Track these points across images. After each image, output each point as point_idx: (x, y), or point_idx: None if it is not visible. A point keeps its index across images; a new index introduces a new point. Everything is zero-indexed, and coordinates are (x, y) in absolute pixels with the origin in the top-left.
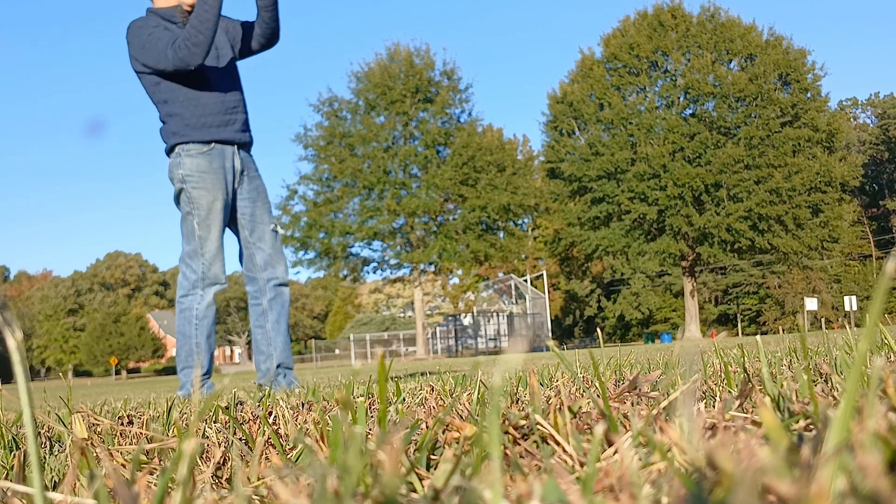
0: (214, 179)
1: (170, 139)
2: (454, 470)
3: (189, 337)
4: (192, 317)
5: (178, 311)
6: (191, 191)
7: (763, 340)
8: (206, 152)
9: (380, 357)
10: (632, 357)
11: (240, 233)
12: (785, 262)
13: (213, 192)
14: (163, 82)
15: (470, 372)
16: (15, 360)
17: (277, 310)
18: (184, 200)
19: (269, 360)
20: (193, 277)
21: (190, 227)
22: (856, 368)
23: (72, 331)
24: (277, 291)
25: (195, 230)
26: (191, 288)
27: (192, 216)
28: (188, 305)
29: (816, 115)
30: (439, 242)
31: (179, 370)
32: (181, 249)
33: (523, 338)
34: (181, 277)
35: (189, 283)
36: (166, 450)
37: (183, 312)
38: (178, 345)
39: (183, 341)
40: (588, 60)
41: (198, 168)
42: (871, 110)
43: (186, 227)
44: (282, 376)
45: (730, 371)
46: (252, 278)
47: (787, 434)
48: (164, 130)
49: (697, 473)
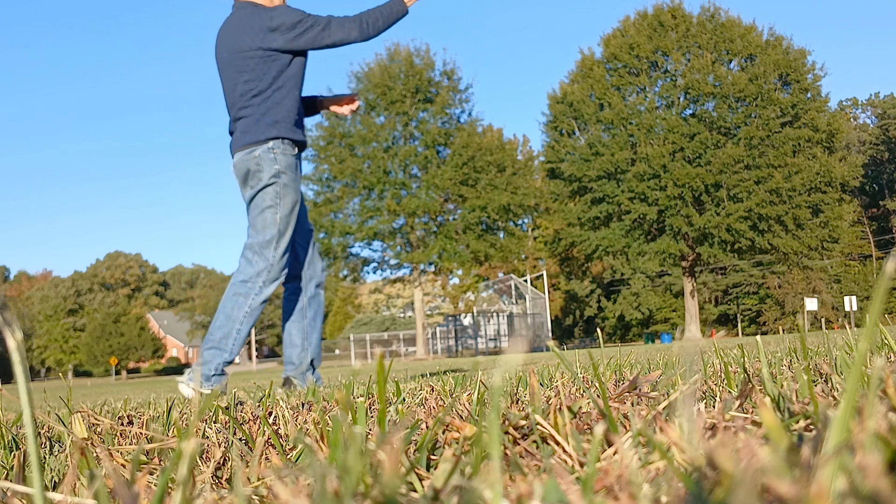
0: (298, 179)
1: (266, 131)
2: (454, 470)
3: (234, 321)
4: (245, 304)
5: (231, 293)
6: (282, 187)
7: (763, 340)
8: (295, 154)
9: (379, 357)
10: (632, 357)
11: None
12: (785, 263)
13: (297, 192)
14: (281, 71)
15: (470, 372)
16: (15, 361)
17: (315, 308)
18: (270, 194)
19: (305, 354)
20: (259, 268)
21: (269, 219)
22: (856, 369)
23: (72, 331)
24: (316, 292)
25: (274, 223)
26: (254, 276)
27: (275, 211)
28: (245, 292)
29: (816, 115)
30: (439, 242)
31: (207, 348)
32: (249, 237)
33: (523, 338)
34: (245, 263)
35: (253, 271)
36: (166, 450)
37: (237, 297)
38: (217, 324)
39: (224, 322)
40: (588, 60)
41: (289, 166)
42: (871, 110)
43: (264, 218)
44: (310, 372)
45: (730, 371)
46: (294, 275)
47: (787, 434)
48: (258, 120)
49: (697, 473)
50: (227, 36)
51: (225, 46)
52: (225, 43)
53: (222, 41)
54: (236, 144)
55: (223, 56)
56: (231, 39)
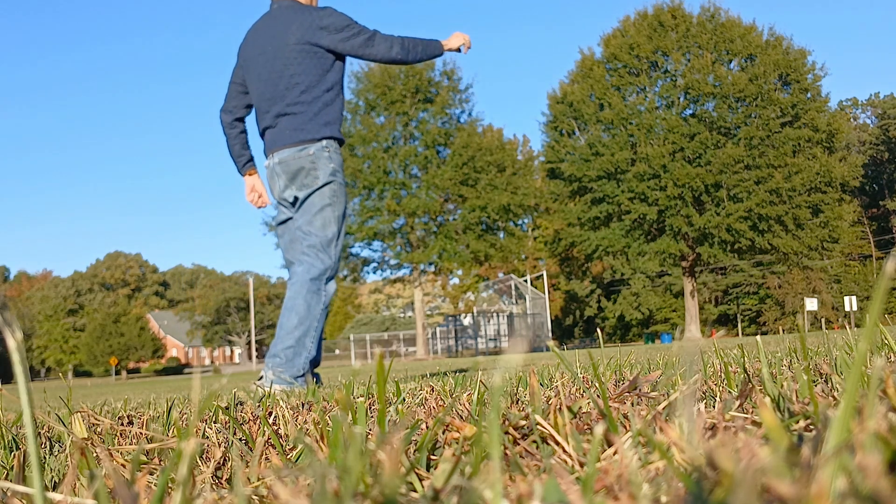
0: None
1: (321, 130)
2: (454, 470)
3: (312, 319)
4: (320, 302)
5: (304, 292)
6: (338, 186)
7: (763, 341)
8: (340, 153)
9: (379, 357)
10: (632, 357)
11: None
12: (785, 263)
13: (346, 192)
14: (327, 71)
15: (470, 372)
16: (15, 361)
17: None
18: (328, 193)
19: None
20: (325, 265)
21: (329, 217)
22: (856, 369)
23: (72, 331)
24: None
25: (334, 221)
26: (321, 274)
27: (334, 209)
28: (317, 289)
29: (816, 115)
30: (439, 243)
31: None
32: (310, 235)
33: (523, 338)
34: (312, 262)
35: (321, 269)
36: (166, 450)
37: (311, 294)
38: (292, 324)
39: (301, 322)
40: (588, 60)
41: (341, 166)
42: (871, 110)
43: (324, 217)
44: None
45: (730, 371)
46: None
47: (787, 434)
48: (311, 118)
49: (697, 473)
50: (268, 30)
51: (267, 39)
52: (267, 36)
53: (262, 34)
54: (283, 140)
55: (265, 48)
56: (276, 33)
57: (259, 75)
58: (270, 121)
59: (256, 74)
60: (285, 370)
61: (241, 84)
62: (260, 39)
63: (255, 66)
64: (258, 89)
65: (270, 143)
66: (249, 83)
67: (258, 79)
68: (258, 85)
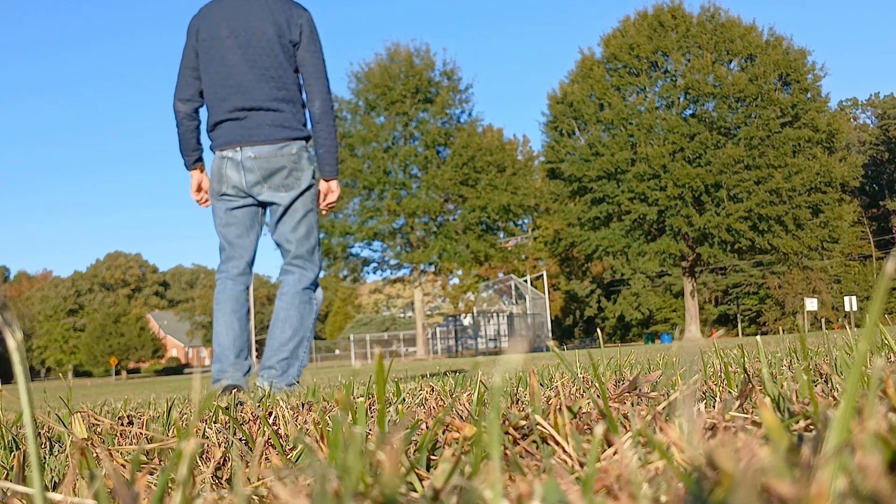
0: None
1: (303, 130)
2: (454, 470)
3: (305, 329)
4: (313, 311)
5: (297, 303)
6: (316, 190)
7: (763, 341)
8: None
9: (378, 357)
10: (632, 357)
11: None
12: (785, 263)
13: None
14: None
15: (470, 372)
16: (15, 361)
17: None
18: (310, 198)
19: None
20: (314, 275)
21: (312, 224)
22: (856, 369)
23: (72, 331)
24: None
25: (314, 229)
26: (312, 282)
27: (314, 214)
28: (309, 299)
29: (816, 115)
30: (439, 243)
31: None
32: (296, 245)
33: (523, 338)
34: (302, 272)
35: (311, 277)
36: (166, 450)
37: (304, 305)
38: (287, 335)
39: (295, 332)
40: (588, 61)
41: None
42: (871, 111)
43: (308, 223)
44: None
45: (730, 371)
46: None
47: (787, 434)
48: (293, 116)
49: (697, 473)
50: (240, 12)
51: (239, 23)
52: (239, 19)
53: (231, 15)
54: (259, 136)
55: (237, 32)
56: (251, 18)
57: (224, 59)
58: (231, 111)
59: (220, 57)
60: (280, 380)
61: (195, 69)
62: (230, 21)
63: (220, 48)
64: (220, 73)
65: (235, 134)
66: (208, 65)
67: (222, 62)
68: (220, 69)
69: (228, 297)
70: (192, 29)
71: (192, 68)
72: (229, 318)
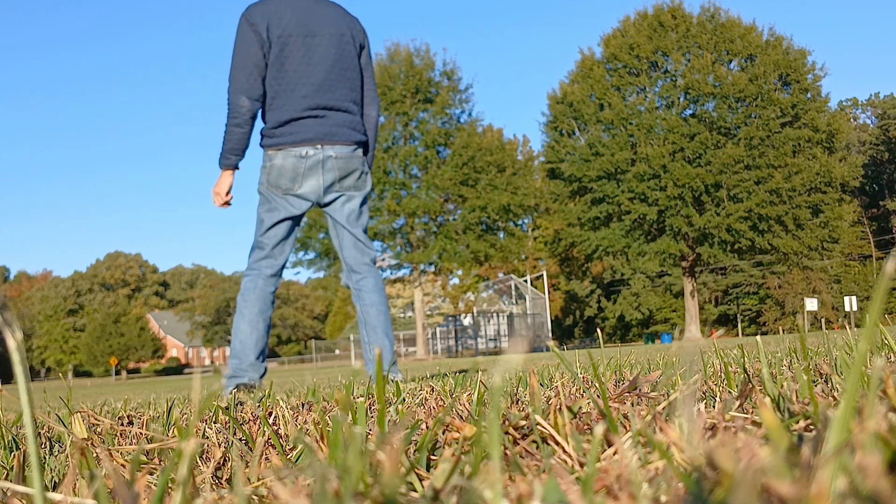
0: None
1: (366, 135)
2: (454, 470)
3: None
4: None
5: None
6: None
7: (763, 341)
8: None
9: (378, 357)
10: (632, 357)
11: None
12: (785, 263)
13: None
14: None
15: (470, 372)
16: (15, 361)
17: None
18: (367, 202)
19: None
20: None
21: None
22: (856, 369)
23: (72, 331)
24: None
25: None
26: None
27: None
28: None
29: (816, 115)
30: (439, 243)
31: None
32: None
33: (523, 338)
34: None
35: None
36: (166, 450)
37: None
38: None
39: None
40: (588, 61)
41: None
42: (871, 111)
43: (366, 226)
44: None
45: (730, 371)
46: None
47: (787, 434)
48: (360, 121)
49: (697, 473)
50: (317, 15)
51: (319, 24)
52: (318, 21)
53: (310, 17)
54: (340, 136)
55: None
56: (329, 21)
57: (306, 57)
58: (311, 109)
59: (301, 55)
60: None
61: (261, 66)
62: (307, 19)
63: (301, 45)
64: (299, 71)
65: (317, 132)
66: (284, 61)
67: (303, 60)
68: (301, 66)
69: (258, 297)
70: (256, 24)
71: (258, 66)
72: (255, 318)
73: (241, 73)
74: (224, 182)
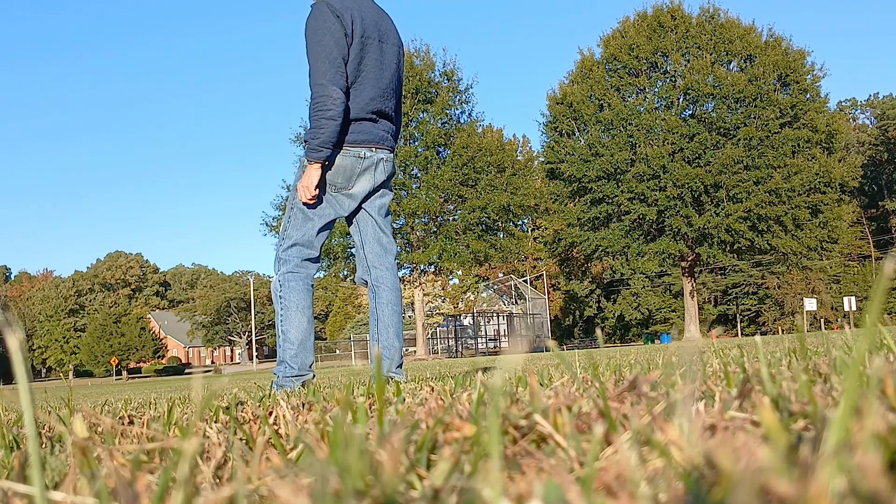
0: None
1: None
2: (454, 469)
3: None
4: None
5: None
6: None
7: (762, 341)
8: None
9: (377, 357)
10: (631, 357)
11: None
12: (784, 263)
13: None
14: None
15: (470, 372)
16: (16, 361)
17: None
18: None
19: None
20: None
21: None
22: (855, 369)
23: (72, 331)
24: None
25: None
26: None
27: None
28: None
29: (816, 115)
30: (439, 243)
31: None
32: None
33: (523, 338)
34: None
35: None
36: (167, 450)
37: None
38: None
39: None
40: (588, 61)
41: None
42: (870, 111)
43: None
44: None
45: (729, 371)
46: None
47: (786, 434)
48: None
49: (696, 473)
50: (380, 19)
51: (384, 29)
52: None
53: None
54: (389, 142)
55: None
56: (389, 28)
57: (378, 60)
58: (371, 112)
59: (376, 58)
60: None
61: (347, 60)
62: (379, 23)
63: (377, 49)
64: (371, 73)
65: (374, 135)
66: (361, 60)
67: (377, 63)
68: (374, 69)
69: (309, 298)
70: (346, 18)
71: (345, 59)
72: (310, 317)
73: (330, 63)
74: (315, 176)
